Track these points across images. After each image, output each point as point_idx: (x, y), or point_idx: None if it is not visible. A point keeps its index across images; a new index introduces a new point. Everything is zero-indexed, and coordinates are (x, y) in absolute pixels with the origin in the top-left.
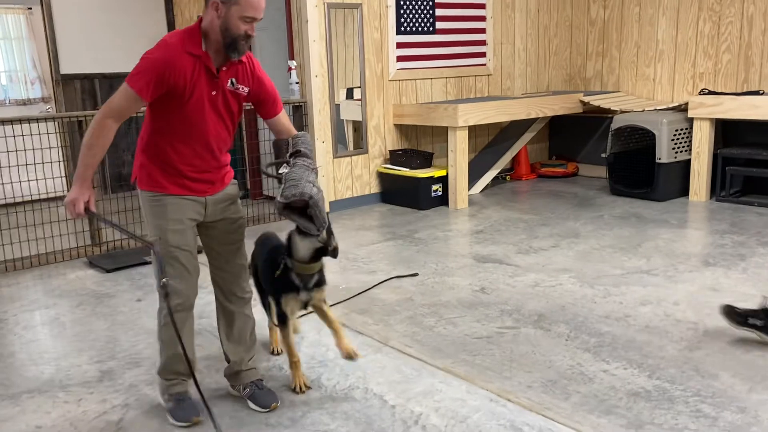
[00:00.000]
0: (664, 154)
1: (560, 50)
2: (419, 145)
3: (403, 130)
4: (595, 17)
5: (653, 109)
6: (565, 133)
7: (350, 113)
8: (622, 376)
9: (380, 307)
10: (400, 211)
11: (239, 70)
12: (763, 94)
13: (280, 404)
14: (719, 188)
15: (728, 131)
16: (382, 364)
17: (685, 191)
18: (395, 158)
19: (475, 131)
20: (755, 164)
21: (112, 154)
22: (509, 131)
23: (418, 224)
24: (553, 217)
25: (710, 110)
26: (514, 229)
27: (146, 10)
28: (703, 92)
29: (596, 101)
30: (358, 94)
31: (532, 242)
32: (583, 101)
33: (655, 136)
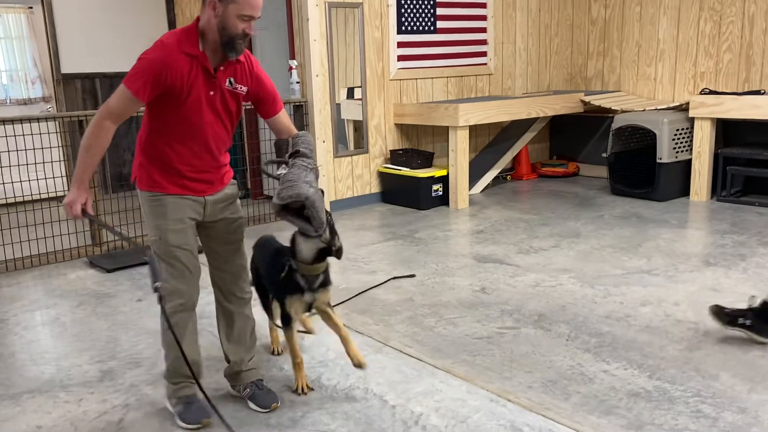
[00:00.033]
0: (664, 153)
1: (561, 50)
2: (420, 144)
3: (403, 129)
4: (596, 16)
5: (654, 108)
6: (565, 132)
7: (351, 113)
8: (622, 376)
9: (380, 307)
10: (400, 210)
11: (237, 69)
12: (764, 93)
13: (280, 404)
14: (720, 188)
15: (729, 131)
16: (382, 364)
17: (685, 191)
18: (396, 158)
19: (475, 131)
20: (756, 164)
21: (112, 153)
22: (510, 131)
23: (418, 224)
24: (553, 217)
25: (711, 110)
26: (514, 229)
27: (147, 9)
28: (704, 92)
29: (597, 101)
30: (358, 93)
31: (532, 242)
32: (583, 101)
33: (655, 135)
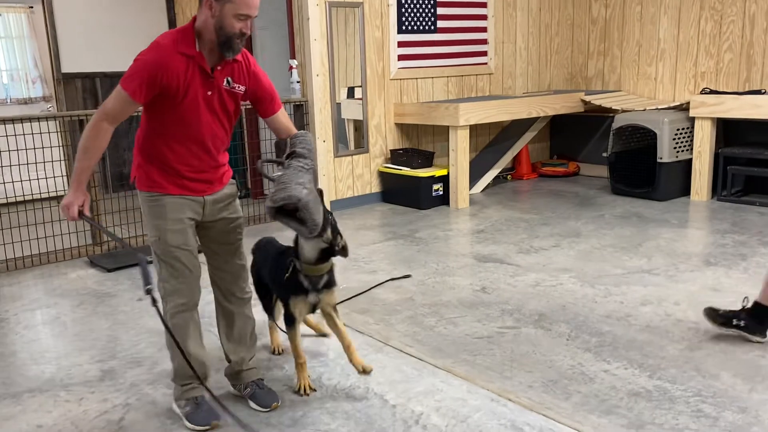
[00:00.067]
0: (665, 153)
1: (561, 49)
2: (420, 144)
3: (404, 129)
4: (596, 16)
5: (654, 108)
6: (566, 132)
7: (351, 112)
8: (622, 375)
9: (381, 306)
10: (401, 210)
11: (235, 68)
12: (764, 93)
13: (280, 404)
14: (720, 188)
15: (730, 131)
16: (382, 363)
17: (686, 191)
18: (396, 157)
19: (476, 130)
20: (757, 164)
21: (112, 152)
22: (510, 130)
23: (418, 224)
24: (554, 216)
25: (712, 109)
26: (514, 228)
27: (147, 9)
28: (704, 91)
29: (597, 100)
30: (359, 93)
31: (532, 242)
32: (584, 100)
33: (656, 135)
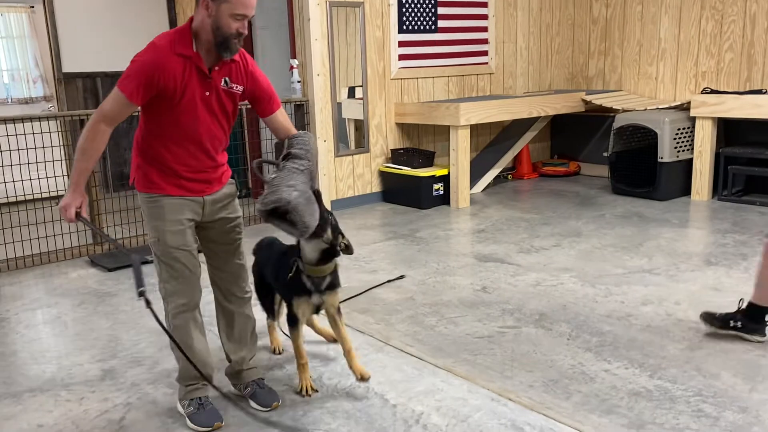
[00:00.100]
0: (666, 153)
1: (562, 49)
2: (421, 144)
3: (404, 128)
4: (597, 16)
5: (655, 108)
6: (566, 132)
7: (352, 112)
8: (623, 375)
9: (381, 306)
10: (401, 210)
11: (232, 68)
12: (765, 93)
13: (281, 403)
14: (721, 187)
15: (730, 130)
16: (383, 363)
17: (687, 190)
18: (397, 157)
19: (476, 130)
20: (757, 163)
21: (113, 152)
22: (511, 130)
23: (419, 223)
24: (554, 216)
25: (712, 109)
26: (515, 228)
27: (148, 8)
28: (705, 91)
29: (598, 100)
30: (359, 92)
31: (533, 241)
32: (585, 100)
33: (657, 135)
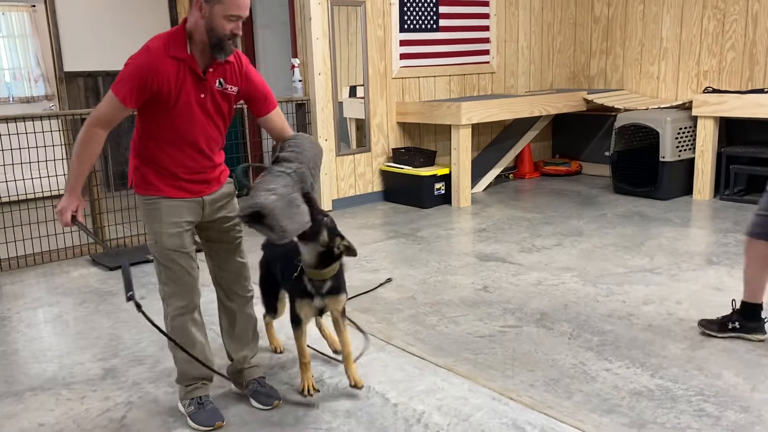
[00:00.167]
0: (667, 152)
1: (564, 48)
2: (422, 143)
3: (406, 128)
4: (599, 15)
5: (657, 107)
6: (568, 131)
7: (353, 111)
8: (624, 375)
9: (383, 305)
10: (402, 209)
11: (227, 69)
12: (767, 92)
13: (282, 402)
14: (723, 187)
15: (732, 129)
16: (384, 362)
17: (688, 190)
18: (398, 156)
19: (478, 129)
20: (759, 163)
21: (114, 151)
22: (512, 129)
23: (420, 222)
24: (556, 215)
25: (714, 108)
26: (516, 227)
27: (149, 7)
28: (707, 90)
29: (600, 99)
30: (361, 92)
31: (534, 241)
32: (586, 99)
33: (658, 134)
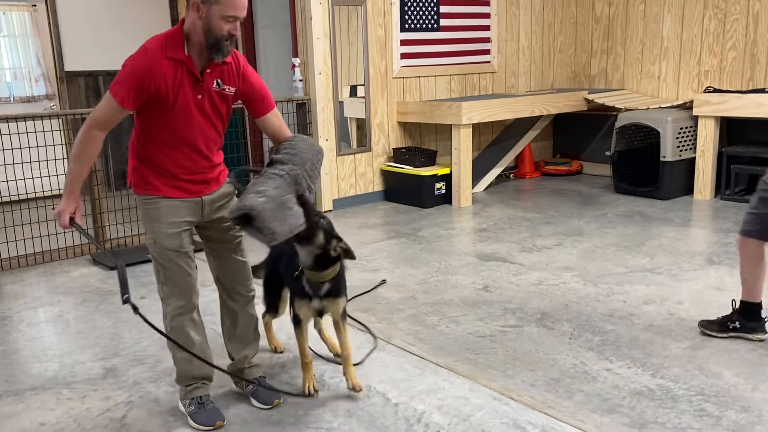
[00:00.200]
0: (668, 152)
1: (565, 47)
2: (423, 142)
3: (406, 127)
4: (599, 14)
5: (658, 107)
6: (569, 130)
7: (354, 111)
8: (625, 374)
9: (383, 305)
10: (403, 209)
11: (224, 70)
12: None
13: (282, 401)
14: (724, 186)
15: (733, 129)
16: (384, 362)
17: (689, 189)
18: (399, 156)
19: (479, 129)
20: (760, 162)
21: (115, 151)
22: (513, 129)
23: (421, 222)
24: (556, 215)
25: (715, 108)
26: (517, 227)
27: (150, 7)
28: (708, 90)
29: (601, 99)
30: (361, 91)
31: (535, 240)
32: (587, 99)
33: (659, 134)
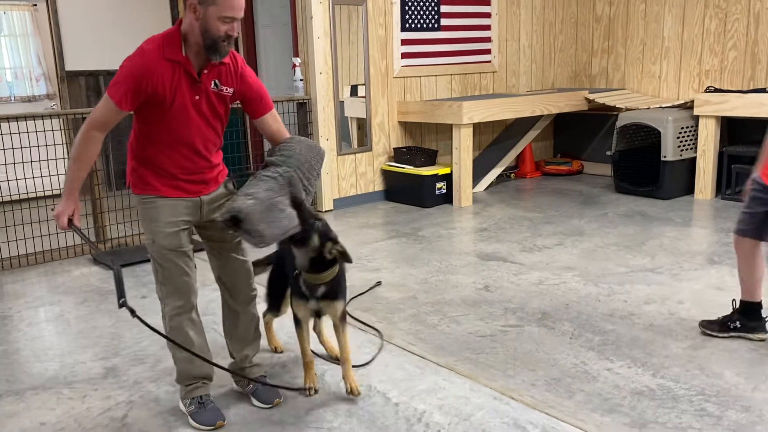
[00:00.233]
0: (669, 151)
1: (565, 47)
2: (423, 142)
3: (407, 127)
4: (600, 14)
5: (659, 106)
6: (570, 130)
7: (354, 110)
8: (626, 374)
9: (384, 305)
10: (404, 208)
11: (222, 71)
12: None
13: (283, 401)
14: (725, 186)
15: (734, 129)
16: (385, 361)
17: (690, 189)
18: (399, 156)
19: (479, 129)
20: None
21: (116, 150)
22: (514, 129)
23: (422, 222)
24: (557, 215)
25: (716, 108)
26: (518, 227)
27: (150, 7)
28: (708, 90)
29: (601, 98)
30: (362, 91)
31: (536, 240)
32: (588, 98)
33: (660, 133)
